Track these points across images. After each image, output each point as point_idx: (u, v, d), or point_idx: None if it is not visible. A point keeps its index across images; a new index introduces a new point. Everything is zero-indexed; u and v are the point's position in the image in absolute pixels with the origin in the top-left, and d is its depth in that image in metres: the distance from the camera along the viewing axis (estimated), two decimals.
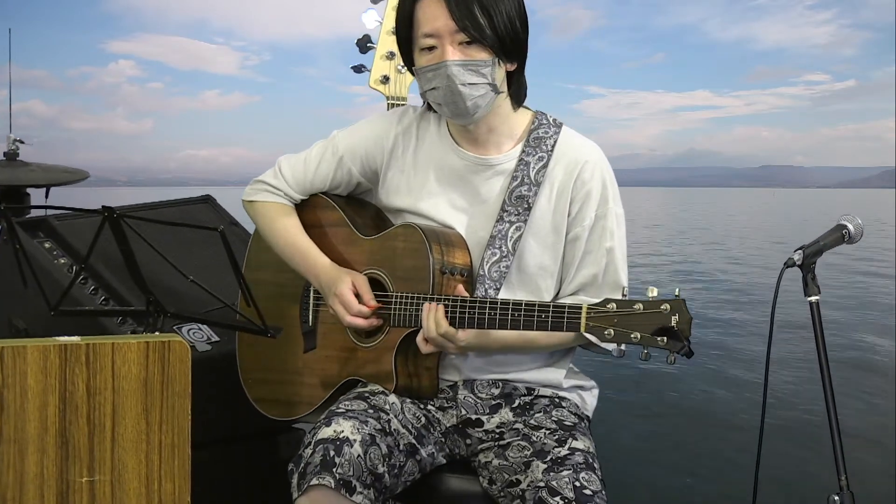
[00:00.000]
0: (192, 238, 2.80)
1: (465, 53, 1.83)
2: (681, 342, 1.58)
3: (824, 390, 1.77)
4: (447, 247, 1.94)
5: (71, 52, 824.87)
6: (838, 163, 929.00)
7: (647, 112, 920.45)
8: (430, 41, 1.84)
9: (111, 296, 2.65)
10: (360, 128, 2.12)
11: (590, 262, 1.98)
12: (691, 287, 11.96)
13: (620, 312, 1.64)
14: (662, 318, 1.61)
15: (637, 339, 1.62)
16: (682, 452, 4.71)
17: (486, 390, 2.01)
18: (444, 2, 1.81)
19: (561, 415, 1.99)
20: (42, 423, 1.34)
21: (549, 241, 1.99)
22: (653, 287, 1.62)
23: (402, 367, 1.94)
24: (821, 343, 1.78)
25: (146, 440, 1.41)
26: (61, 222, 2.85)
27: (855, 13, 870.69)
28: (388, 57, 2.59)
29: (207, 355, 2.51)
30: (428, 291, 1.88)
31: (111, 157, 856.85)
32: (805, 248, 1.81)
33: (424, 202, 2.03)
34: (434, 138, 2.05)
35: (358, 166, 2.10)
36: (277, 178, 2.14)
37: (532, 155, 1.98)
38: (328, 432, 1.75)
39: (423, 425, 1.98)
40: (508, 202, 1.96)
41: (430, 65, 1.85)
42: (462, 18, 1.80)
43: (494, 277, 1.94)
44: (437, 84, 1.85)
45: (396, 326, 1.93)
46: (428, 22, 1.83)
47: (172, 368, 1.42)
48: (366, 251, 2.04)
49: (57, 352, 1.34)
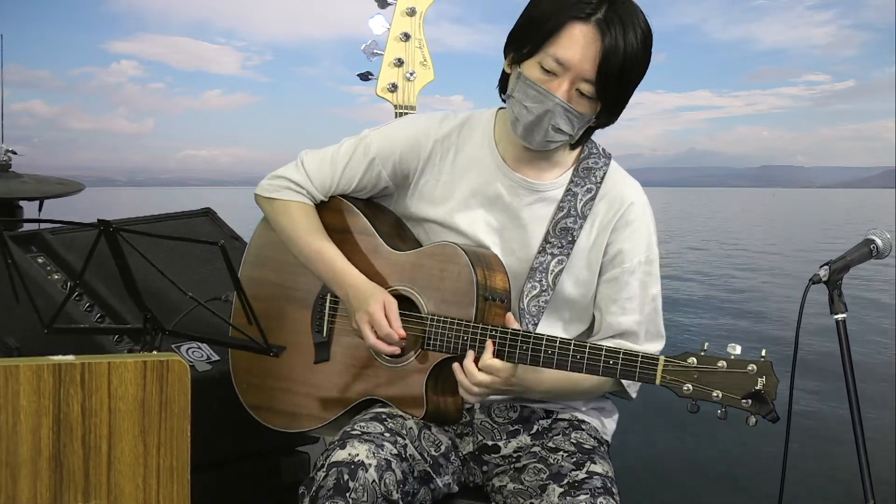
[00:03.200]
0: (191, 253, 2.81)
1: (575, 102, 1.79)
2: (768, 406, 1.57)
3: (851, 411, 1.75)
4: (488, 270, 1.90)
5: (73, 52, 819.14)
6: (838, 163, 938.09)
7: (647, 112, 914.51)
8: (555, 66, 1.77)
9: (107, 313, 2.64)
10: (396, 128, 2.06)
11: (635, 309, 1.96)
12: (691, 287, 12.07)
13: (702, 368, 1.63)
14: (748, 380, 1.59)
15: (719, 398, 1.61)
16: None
17: (504, 414, 2.00)
18: (599, 41, 1.73)
19: (580, 437, 1.98)
20: (35, 445, 1.34)
21: (582, 278, 1.97)
22: (734, 344, 1.61)
23: (432, 393, 1.92)
24: (848, 363, 1.76)
25: (144, 463, 1.40)
26: (55, 236, 2.85)
27: (855, 14, 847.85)
28: (396, 64, 2.58)
29: (207, 375, 2.50)
30: (471, 318, 1.85)
31: (111, 157, 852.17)
32: (831, 263, 1.79)
33: (460, 216, 1.99)
34: (477, 150, 2.00)
35: (389, 170, 2.04)
36: (300, 174, 2.06)
37: (580, 186, 1.96)
38: (342, 455, 1.73)
39: (441, 453, 1.95)
40: (552, 233, 1.94)
41: (539, 86, 1.79)
42: (603, 71, 1.74)
43: (533, 312, 1.92)
44: (532, 108, 1.80)
45: (430, 350, 1.90)
46: (570, 49, 1.75)
47: (171, 389, 1.41)
48: (395, 266, 1.99)
49: (51, 371, 1.34)
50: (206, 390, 2.36)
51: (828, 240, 24.02)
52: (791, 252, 19.90)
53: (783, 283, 13.61)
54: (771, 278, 14.51)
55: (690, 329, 8.99)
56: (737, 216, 43.73)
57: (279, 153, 73.63)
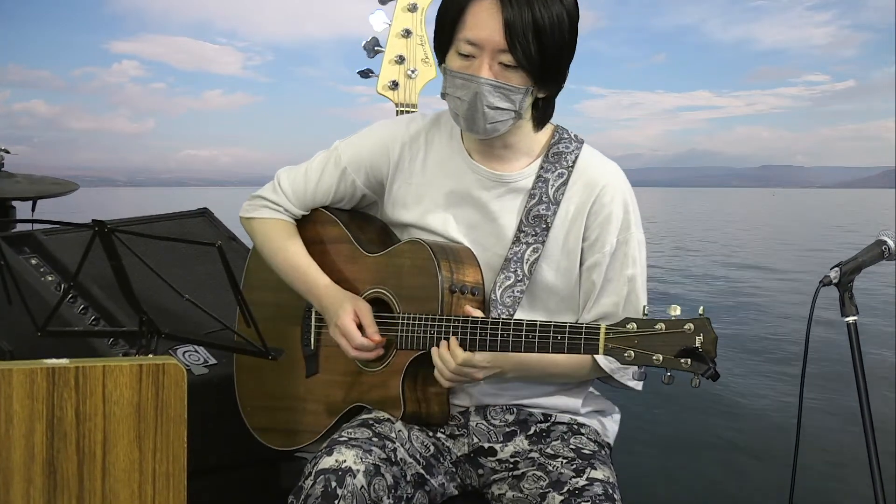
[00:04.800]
0: (187, 254, 2.81)
1: (502, 76, 1.78)
2: (706, 364, 1.56)
3: (862, 417, 1.75)
4: (456, 264, 1.91)
5: (74, 52, 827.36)
6: (838, 163, 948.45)
7: (647, 112, 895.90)
8: (470, 49, 1.78)
9: (102, 315, 2.65)
10: (364, 136, 2.09)
11: (611, 291, 1.95)
12: (691, 287, 12.11)
13: (641, 333, 1.62)
14: (686, 339, 1.58)
15: (659, 361, 1.60)
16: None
17: (500, 417, 1.99)
18: (500, 13, 1.73)
19: (579, 442, 1.97)
20: (28, 450, 1.34)
21: (562, 266, 1.96)
22: (675, 305, 1.59)
23: (409, 393, 1.92)
24: (859, 368, 1.76)
25: (139, 469, 1.40)
26: (49, 237, 2.85)
27: (855, 14, 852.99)
28: (397, 61, 2.58)
29: (204, 379, 2.50)
30: (437, 312, 1.86)
31: (111, 157, 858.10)
32: (842, 265, 1.78)
33: (432, 216, 2.00)
34: (445, 148, 2.02)
35: (362, 178, 2.07)
36: (277, 193, 2.11)
37: (551, 171, 1.95)
38: (329, 462, 1.73)
39: (431, 454, 1.95)
40: (525, 222, 1.94)
41: (461, 72, 1.80)
42: (513, 39, 1.73)
43: (508, 303, 1.92)
44: (462, 96, 1.81)
45: (403, 349, 1.91)
46: (475, 28, 1.76)
47: (167, 393, 1.41)
48: (370, 269, 2.02)
49: (44, 375, 1.34)
50: (203, 394, 2.36)
51: (828, 240, 24.07)
52: (791, 252, 19.94)
53: (783, 283, 13.63)
54: (771, 278, 14.52)
55: None
56: (737, 216, 43.84)
57: (280, 153, 73.13)
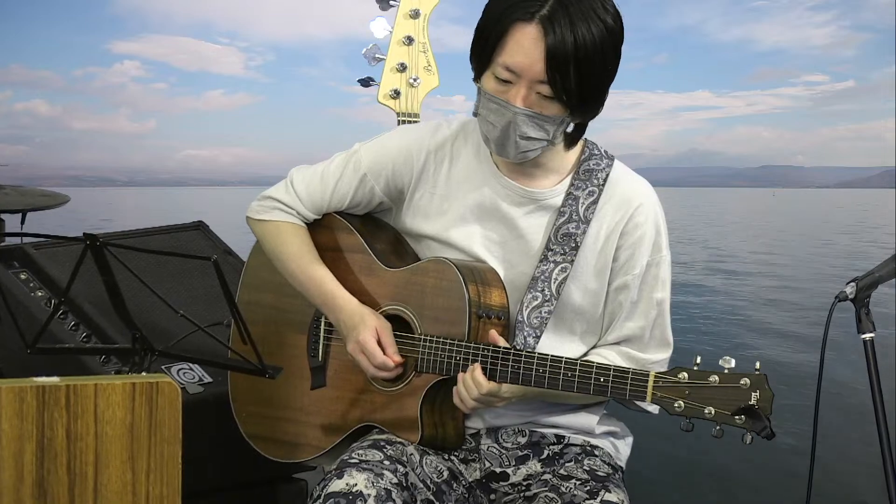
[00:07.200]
0: (182, 268, 2.81)
1: (538, 105, 1.75)
2: (762, 422, 1.54)
3: (879, 436, 1.73)
4: (483, 286, 1.89)
5: (76, 52, 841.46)
6: (838, 163, 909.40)
7: (648, 112, 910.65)
8: (507, 75, 1.73)
9: (93, 332, 2.64)
10: (387, 141, 2.05)
11: (638, 314, 1.95)
12: (691, 287, 12.12)
13: (693, 384, 1.60)
14: (741, 395, 1.57)
15: (711, 414, 1.58)
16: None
17: (512, 439, 1.98)
18: (543, 40, 1.68)
19: (593, 464, 1.96)
20: (17, 472, 1.33)
21: (590, 288, 1.94)
22: (728, 357, 1.58)
23: (427, 417, 1.91)
24: (876, 386, 1.74)
25: (132, 491, 1.39)
26: (39, 251, 2.85)
27: (854, 15, 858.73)
28: (398, 69, 2.58)
29: (199, 397, 2.50)
30: (463, 337, 1.84)
31: (113, 157, 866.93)
32: (858, 280, 1.77)
33: (455, 230, 1.98)
34: (472, 160, 1.99)
35: (382, 185, 2.03)
36: (290, 195, 2.06)
37: (582, 189, 1.93)
38: (340, 485, 1.72)
39: (444, 480, 1.93)
40: (554, 240, 1.92)
41: (496, 97, 1.76)
42: (553, 72, 1.69)
43: (535, 324, 1.90)
44: (495, 122, 1.78)
45: (424, 372, 1.89)
46: (517, 55, 1.71)
47: (161, 412, 1.40)
48: (388, 284, 1.99)
49: (34, 394, 1.33)
50: (199, 414, 2.36)
51: (828, 239, 24.15)
52: (792, 252, 20.01)
53: (784, 284, 13.64)
54: (772, 280, 14.53)
55: (689, 333, 8.97)
56: (737, 216, 44.01)
57: (280, 153, 73.44)
